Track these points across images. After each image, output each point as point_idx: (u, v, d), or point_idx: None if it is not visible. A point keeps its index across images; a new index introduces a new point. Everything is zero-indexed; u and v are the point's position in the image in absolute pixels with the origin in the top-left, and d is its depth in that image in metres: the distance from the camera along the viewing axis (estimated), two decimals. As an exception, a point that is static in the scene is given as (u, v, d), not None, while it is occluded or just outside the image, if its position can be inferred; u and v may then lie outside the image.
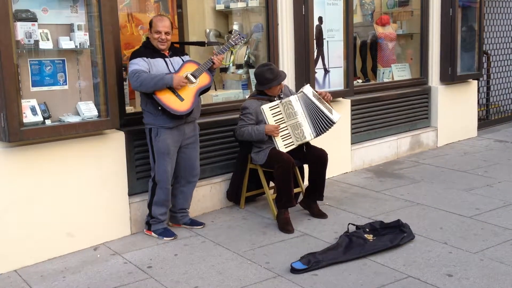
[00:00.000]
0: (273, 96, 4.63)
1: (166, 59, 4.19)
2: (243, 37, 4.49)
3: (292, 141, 4.54)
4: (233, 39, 4.45)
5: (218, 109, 5.12)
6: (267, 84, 4.55)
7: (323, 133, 4.59)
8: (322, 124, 4.55)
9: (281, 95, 4.69)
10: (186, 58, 4.32)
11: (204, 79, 4.21)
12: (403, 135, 6.80)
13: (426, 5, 7.03)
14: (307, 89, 4.62)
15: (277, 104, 4.55)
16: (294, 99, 4.53)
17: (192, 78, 4.13)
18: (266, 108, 4.52)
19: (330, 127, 4.59)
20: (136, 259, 3.92)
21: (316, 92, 4.67)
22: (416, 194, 5.26)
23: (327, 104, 4.64)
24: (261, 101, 4.60)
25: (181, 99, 4.09)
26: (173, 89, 4.06)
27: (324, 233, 4.32)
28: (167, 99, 4.04)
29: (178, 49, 4.36)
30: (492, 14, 8.88)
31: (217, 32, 5.83)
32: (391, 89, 6.81)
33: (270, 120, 4.52)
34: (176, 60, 4.23)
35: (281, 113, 4.54)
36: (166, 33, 4.15)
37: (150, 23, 4.18)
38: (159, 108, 4.03)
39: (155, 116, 4.12)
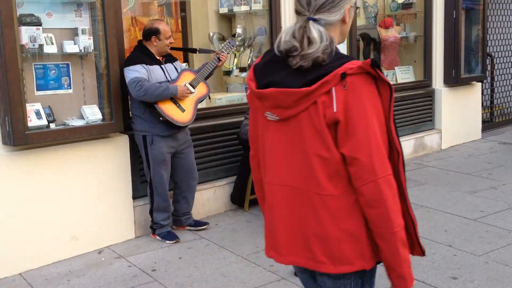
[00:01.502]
0: None
1: (162, 66, 4.18)
2: (232, 46, 4.51)
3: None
4: (225, 47, 4.45)
5: (221, 112, 5.12)
6: None
7: None
8: None
9: None
10: (177, 64, 4.34)
11: (201, 89, 4.27)
12: (407, 138, 6.79)
13: (430, 8, 7.02)
14: None
15: None
16: None
17: (191, 88, 4.18)
18: None
19: None
20: (140, 262, 3.93)
21: None
22: (420, 197, 5.25)
23: None
24: None
25: (182, 110, 4.12)
26: (174, 99, 4.08)
27: (328, 236, 4.32)
28: (169, 109, 4.05)
29: (169, 55, 4.34)
30: (496, 16, 8.87)
31: (220, 35, 5.85)
32: (395, 92, 6.79)
33: None
34: (170, 67, 4.24)
35: None
36: None
37: (156, 30, 4.10)
38: (160, 118, 4.03)
39: (152, 124, 4.09)
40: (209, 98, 4.56)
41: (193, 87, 4.19)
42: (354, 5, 1.77)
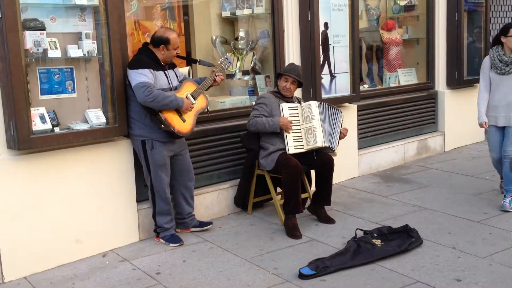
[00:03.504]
0: (287, 97, 4.74)
1: (166, 72, 4.21)
2: (230, 62, 4.56)
3: (302, 145, 4.56)
4: (224, 63, 4.48)
5: (225, 116, 5.13)
6: (281, 70, 4.89)
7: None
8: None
9: (301, 101, 4.82)
10: (177, 70, 4.38)
11: (201, 101, 4.32)
12: (410, 140, 6.79)
13: (432, 10, 7.03)
14: (340, 112, 4.79)
15: (296, 106, 4.65)
16: (314, 104, 4.60)
17: (192, 99, 4.22)
18: (285, 106, 4.61)
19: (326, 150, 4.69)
20: (144, 266, 3.94)
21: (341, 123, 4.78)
22: (423, 199, 5.25)
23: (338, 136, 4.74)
24: (278, 99, 4.70)
25: (183, 120, 4.14)
26: (177, 109, 4.11)
27: (332, 239, 4.32)
28: (171, 119, 4.07)
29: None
30: (498, 18, 8.87)
31: (223, 38, 5.86)
32: (398, 94, 6.81)
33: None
34: (172, 74, 4.27)
35: (298, 115, 4.61)
36: None
37: (167, 40, 4.11)
38: (162, 126, 4.04)
39: (152, 129, 4.11)
40: (208, 110, 4.55)
41: (194, 98, 4.24)
42: None
